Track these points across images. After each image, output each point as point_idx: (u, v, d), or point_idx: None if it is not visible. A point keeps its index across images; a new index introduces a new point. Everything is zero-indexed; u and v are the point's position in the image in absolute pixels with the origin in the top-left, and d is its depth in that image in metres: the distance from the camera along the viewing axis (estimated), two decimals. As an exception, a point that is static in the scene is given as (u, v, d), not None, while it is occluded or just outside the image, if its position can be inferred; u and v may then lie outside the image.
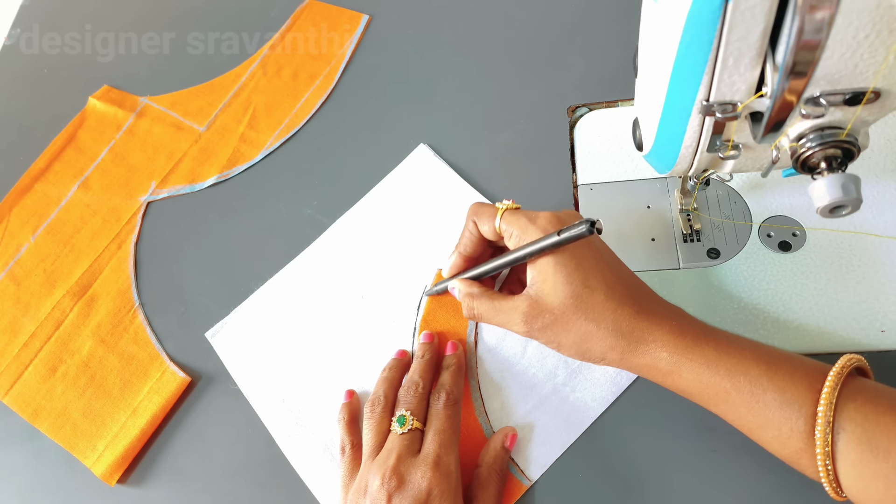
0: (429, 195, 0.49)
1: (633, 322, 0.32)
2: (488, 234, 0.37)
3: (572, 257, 0.33)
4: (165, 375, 0.46)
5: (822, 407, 0.28)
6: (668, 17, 0.27)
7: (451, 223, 0.47)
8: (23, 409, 0.47)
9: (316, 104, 0.58)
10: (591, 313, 0.33)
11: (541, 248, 0.33)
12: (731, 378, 0.30)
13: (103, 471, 0.43)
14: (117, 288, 0.51)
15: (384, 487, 0.33)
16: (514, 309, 0.35)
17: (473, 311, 0.37)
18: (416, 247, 0.47)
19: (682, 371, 0.32)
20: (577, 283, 0.33)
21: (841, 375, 0.29)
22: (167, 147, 0.58)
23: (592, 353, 0.33)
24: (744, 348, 0.31)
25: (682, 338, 0.32)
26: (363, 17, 0.62)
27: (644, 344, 0.32)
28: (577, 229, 0.31)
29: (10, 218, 0.58)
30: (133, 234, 0.54)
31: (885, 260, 0.39)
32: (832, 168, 0.29)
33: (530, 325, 0.34)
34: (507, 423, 0.39)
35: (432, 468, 0.34)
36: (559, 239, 0.32)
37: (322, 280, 0.47)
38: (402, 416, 0.37)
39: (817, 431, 0.28)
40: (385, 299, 0.45)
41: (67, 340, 0.50)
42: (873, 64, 0.25)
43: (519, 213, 0.36)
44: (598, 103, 0.51)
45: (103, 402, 0.46)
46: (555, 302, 0.33)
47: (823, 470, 0.28)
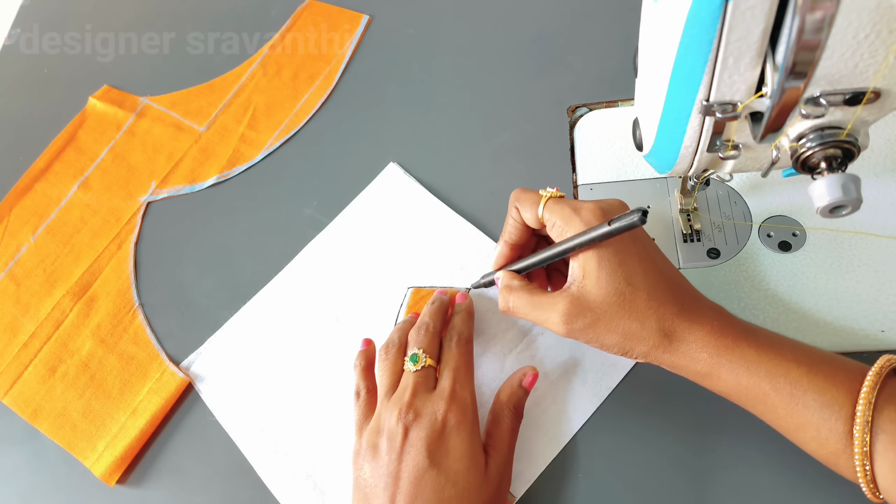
0: (399, 213, 0.49)
1: (675, 321, 0.32)
2: (531, 221, 0.36)
3: (615, 253, 0.32)
4: (165, 376, 0.46)
5: (861, 407, 0.27)
6: (668, 17, 0.27)
7: (422, 241, 0.47)
8: (22, 410, 0.47)
9: (316, 104, 0.58)
10: (634, 312, 0.32)
11: (590, 238, 0.32)
12: (770, 380, 0.30)
13: (103, 471, 0.43)
14: (117, 288, 0.51)
15: (401, 421, 0.33)
16: (553, 307, 0.33)
17: (509, 305, 0.36)
18: (388, 267, 0.47)
19: (720, 373, 0.31)
20: (621, 280, 0.32)
21: (880, 375, 0.28)
22: (167, 147, 0.58)
23: (635, 351, 0.33)
24: (784, 349, 0.31)
25: (722, 338, 0.31)
26: (363, 18, 0.62)
27: (685, 343, 0.32)
28: (628, 219, 0.30)
29: (10, 218, 0.58)
30: (133, 234, 0.54)
31: (885, 260, 0.39)
32: (832, 168, 0.29)
33: (571, 325, 0.32)
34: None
35: (447, 400, 0.34)
36: (610, 229, 0.31)
37: (296, 304, 0.47)
38: (415, 354, 0.37)
39: (855, 432, 0.27)
40: (360, 321, 0.45)
41: (67, 340, 0.50)
42: (873, 64, 0.25)
43: (563, 203, 0.35)
44: (598, 103, 0.51)
45: (103, 403, 0.46)
46: (598, 300, 0.32)
47: (861, 471, 0.28)
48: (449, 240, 0.47)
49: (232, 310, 0.48)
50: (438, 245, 0.46)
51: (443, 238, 0.47)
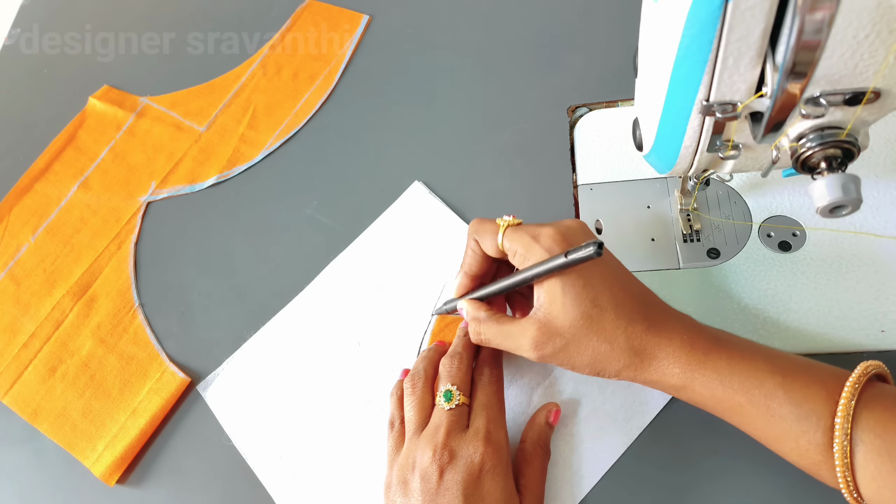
0: (424, 235, 0.47)
1: (645, 338, 0.32)
2: (491, 251, 0.36)
3: (579, 276, 0.32)
4: (165, 376, 0.46)
5: (840, 419, 0.27)
6: (668, 17, 0.27)
7: (447, 262, 0.46)
8: (22, 410, 0.47)
9: (316, 104, 0.58)
10: (602, 333, 0.32)
11: (547, 269, 0.32)
12: (744, 392, 0.30)
13: (103, 471, 0.43)
14: (117, 288, 0.51)
15: (436, 462, 0.33)
16: (523, 333, 0.33)
17: (481, 336, 0.36)
18: (411, 290, 0.45)
19: (694, 385, 0.31)
20: (587, 302, 0.32)
21: (858, 384, 0.28)
22: (167, 147, 0.58)
23: (607, 371, 0.33)
24: (757, 359, 0.31)
25: (693, 351, 0.31)
26: (363, 18, 0.62)
27: (656, 360, 0.32)
28: (583, 252, 0.30)
29: (10, 218, 0.58)
30: (133, 234, 0.54)
31: (885, 260, 0.39)
32: (832, 168, 0.29)
33: (541, 350, 0.33)
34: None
35: (484, 442, 0.34)
36: (566, 261, 0.31)
37: (317, 326, 0.45)
38: (449, 390, 0.36)
39: (835, 444, 0.27)
40: (383, 345, 0.44)
41: (67, 340, 0.50)
42: (873, 64, 0.25)
43: (521, 230, 0.34)
44: (598, 103, 0.51)
45: (103, 403, 0.46)
46: (565, 324, 0.32)
47: (843, 482, 0.27)
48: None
49: (232, 312, 0.48)
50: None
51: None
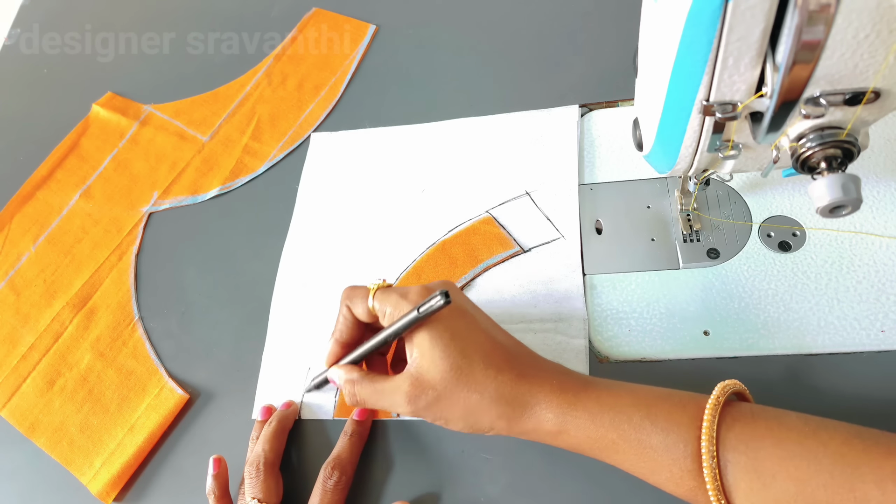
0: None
1: (516, 387, 0.32)
2: (362, 315, 0.36)
3: (446, 328, 0.33)
4: (163, 392, 0.45)
5: (705, 441, 0.28)
6: (668, 17, 0.27)
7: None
8: (20, 423, 0.46)
9: (321, 115, 0.56)
10: (472, 383, 0.32)
11: (405, 324, 0.33)
12: (615, 427, 0.30)
13: (99, 489, 0.42)
14: (117, 300, 0.50)
15: None
16: (397, 389, 0.33)
17: (356, 398, 0.35)
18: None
19: (568, 429, 0.31)
20: (455, 354, 0.32)
21: (717, 406, 0.28)
22: (170, 157, 0.57)
23: (481, 424, 0.33)
24: (622, 394, 0.31)
25: (563, 395, 0.32)
26: (370, 27, 0.61)
27: (529, 408, 0.32)
28: (432, 302, 0.31)
29: (12, 226, 0.57)
30: (134, 245, 0.53)
31: (885, 260, 0.39)
32: (832, 168, 0.29)
33: (415, 404, 0.33)
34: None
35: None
36: (419, 314, 0.32)
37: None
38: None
39: (704, 468, 0.28)
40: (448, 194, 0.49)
41: (66, 353, 0.49)
42: (873, 64, 0.25)
43: (391, 291, 0.35)
44: (598, 103, 0.51)
45: (101, 418, 0.45)
46: (436, 377, 0.32)
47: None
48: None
49: (233, 326, 0.47)
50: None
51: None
